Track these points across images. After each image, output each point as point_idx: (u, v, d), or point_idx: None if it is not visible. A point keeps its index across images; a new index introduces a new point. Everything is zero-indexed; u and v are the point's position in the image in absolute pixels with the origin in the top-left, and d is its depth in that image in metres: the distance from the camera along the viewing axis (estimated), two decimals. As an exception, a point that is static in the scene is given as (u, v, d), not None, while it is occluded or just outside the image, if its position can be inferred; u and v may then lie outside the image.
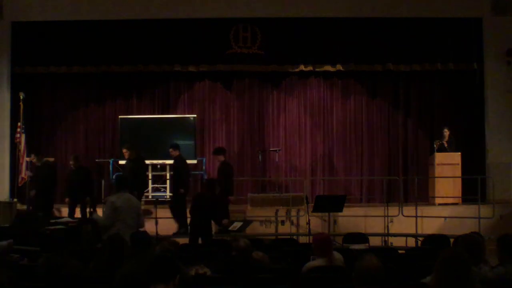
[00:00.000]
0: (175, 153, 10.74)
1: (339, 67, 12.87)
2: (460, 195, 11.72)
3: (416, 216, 10.36)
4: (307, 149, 13.19)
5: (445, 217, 10.80)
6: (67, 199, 10.77)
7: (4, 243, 5.97)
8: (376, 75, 13.11)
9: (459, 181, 11.72)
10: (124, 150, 10.65)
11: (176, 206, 10.56)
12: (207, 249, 7.07)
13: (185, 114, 12.93)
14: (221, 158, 10.64)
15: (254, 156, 12.80)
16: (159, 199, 11.08)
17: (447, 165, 11.71)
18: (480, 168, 12.34)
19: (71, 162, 10.82)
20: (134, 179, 9.46)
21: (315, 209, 9.52)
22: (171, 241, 5.84)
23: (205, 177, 12.15)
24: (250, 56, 12.85)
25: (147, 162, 11.72)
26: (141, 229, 7.12)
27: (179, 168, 10.74)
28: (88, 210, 10.44)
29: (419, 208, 10.52)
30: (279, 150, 12.43)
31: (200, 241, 8.61)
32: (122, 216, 6.84)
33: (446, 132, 11.87)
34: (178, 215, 10.49)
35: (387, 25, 12.75)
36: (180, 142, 11.62)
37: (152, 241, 5.27)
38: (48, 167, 10.97)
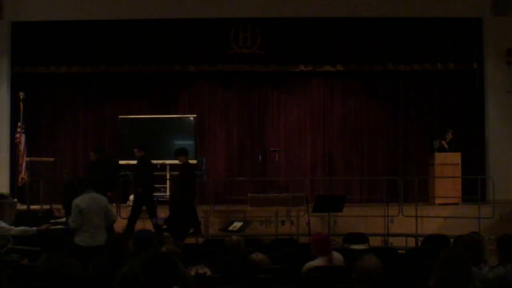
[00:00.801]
0: (140, 153, 10.41)
1: (339, 67, 12.87)
2: (460, 195, 11.73)
3: (416, 216, 10.35)
4: (307, 149, 13.19)
5: (445, 217, 10.79)
6: (61, 208, 10.52)
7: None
8: (376, 75, 13.10)
9: (459, 181, 11.73)
10: (92, 153, 10.70)
11: (136, 206, 10.31)
12: (207, 249, 7.07)
13: (185, 114, 12.92)
14: (182, 159, 10.22)
15: (254, 156, 12.80)
16: (159, 199, 11.06)
17: (447, 165, 11.72)
18: (480, 168, 12.35)
19: (65, 175, 10.40)
20: (102, 181, 9.41)
21: (315, 209, 9.49)
22: (175, 243, 5.83)
23: (205, 177, 12.13)
24: (250, 56, 12.85)
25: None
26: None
27: (139, 168, 10.46)
28: None
29: (419, 208, 10.51)
30: (279, 150, 12.42)
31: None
32: (88, 217, 6.86)
33: (449, 136, 11.86)
34: (133, 215, 10.23)
35: (387, 25, 12.76)
36: (180, 142, 11.60)
37: (154, 240, 5.27)
38: None
